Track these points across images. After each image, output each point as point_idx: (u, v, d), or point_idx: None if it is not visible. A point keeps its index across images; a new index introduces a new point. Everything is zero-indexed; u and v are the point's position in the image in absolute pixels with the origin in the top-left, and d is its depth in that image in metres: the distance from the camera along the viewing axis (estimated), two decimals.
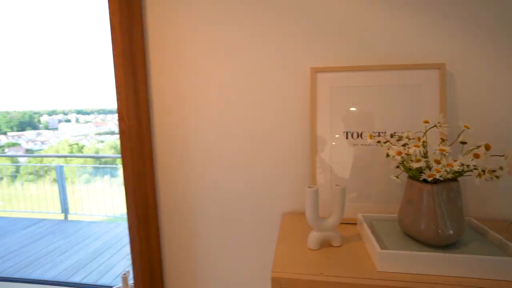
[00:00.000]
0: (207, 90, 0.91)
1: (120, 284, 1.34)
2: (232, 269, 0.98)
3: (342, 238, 0.71)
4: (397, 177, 0.65)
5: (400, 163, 0.64)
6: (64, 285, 1.53)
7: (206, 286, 1.01)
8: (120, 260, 2.63)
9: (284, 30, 0.84)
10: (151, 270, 0.96)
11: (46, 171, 5.08)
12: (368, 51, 0.81)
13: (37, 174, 5.04)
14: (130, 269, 1.30)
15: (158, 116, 0.95)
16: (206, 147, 0.94)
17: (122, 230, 3.26)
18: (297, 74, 0.85)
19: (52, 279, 1.57)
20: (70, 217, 3.87)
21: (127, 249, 2.84)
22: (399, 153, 0.62)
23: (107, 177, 4.76)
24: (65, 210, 3.85)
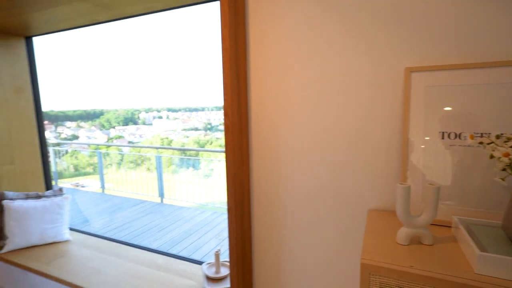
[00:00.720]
0: (299, 91, 0.99)
1: (211, 260, 1.54)
2: (315, 256, 1.05)
3: (434, 238, 0.71)
4: (502, 179, 0.62)
5: (507, 165, 0.61)
6: (167, 255, 1.81)
7: (290, 268, 1.10)
8: (206, 242, 2.97)
9: (376, 30, 0.86)
10: (243, 248, 1.10)
11: (142, 161, 5.94)
12: (466, 48, 0.77)
13: (136, 163, 5.94)
14: (220, 248, 1.47)
15: (255, 114, 1.07)
16: (296, 143, 1.02)
17: (206, 217, 3.63)
18: (388, 74, 0.86)
19: (157, 249, 1.90)
20: (165, 201, 4.50)
21: (212, 233, 3.17)
22: (507, 155, 0.59)
23: (191, 168, 5.33)
24: (161, 194, 4.50)
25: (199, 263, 1.71)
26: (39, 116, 2.16)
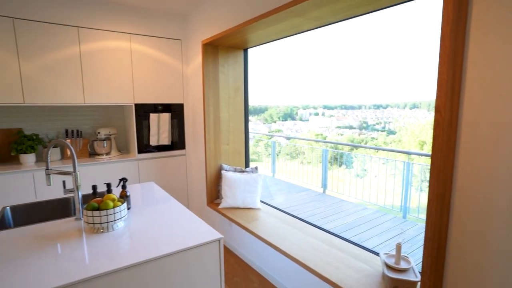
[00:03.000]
0: None
1: (388, 252, 1.59)
2: None
3: None
4: None
5: None
6: (342, 238, 2.00)
7: (489, 274, 1.03)
8: (370, 237, 3.00)
9: None
10: (438, 241, 1.11)
11: (297, 154, 6.43)
12: None
13: (291, 155, 6.51)
14: (401, 242, 1.50)
15: (467, 112, 1.04)
16: None
17: (368, 214, 3.61)
18: None
19: (331, 231, 2.13)
20: (327, 192, 4.78)
21: (375, 230, 3.15)
22: None
23: (343, 166, 5.35)
24: (324, 185, 4.80)
25: (372, 252, 1.79)
26: (246, 109, 2.80)
